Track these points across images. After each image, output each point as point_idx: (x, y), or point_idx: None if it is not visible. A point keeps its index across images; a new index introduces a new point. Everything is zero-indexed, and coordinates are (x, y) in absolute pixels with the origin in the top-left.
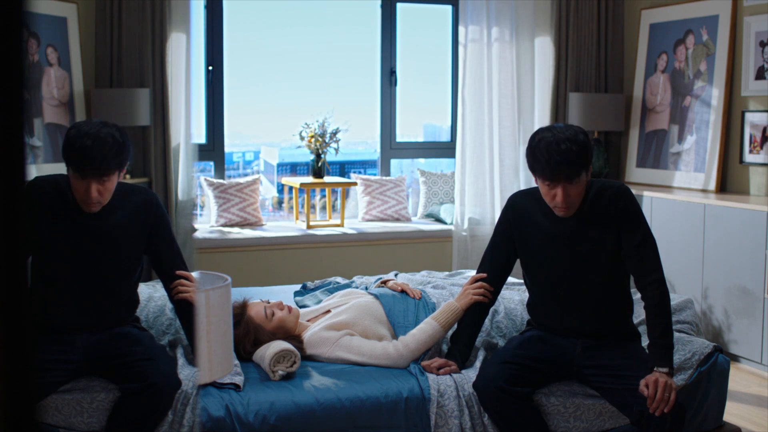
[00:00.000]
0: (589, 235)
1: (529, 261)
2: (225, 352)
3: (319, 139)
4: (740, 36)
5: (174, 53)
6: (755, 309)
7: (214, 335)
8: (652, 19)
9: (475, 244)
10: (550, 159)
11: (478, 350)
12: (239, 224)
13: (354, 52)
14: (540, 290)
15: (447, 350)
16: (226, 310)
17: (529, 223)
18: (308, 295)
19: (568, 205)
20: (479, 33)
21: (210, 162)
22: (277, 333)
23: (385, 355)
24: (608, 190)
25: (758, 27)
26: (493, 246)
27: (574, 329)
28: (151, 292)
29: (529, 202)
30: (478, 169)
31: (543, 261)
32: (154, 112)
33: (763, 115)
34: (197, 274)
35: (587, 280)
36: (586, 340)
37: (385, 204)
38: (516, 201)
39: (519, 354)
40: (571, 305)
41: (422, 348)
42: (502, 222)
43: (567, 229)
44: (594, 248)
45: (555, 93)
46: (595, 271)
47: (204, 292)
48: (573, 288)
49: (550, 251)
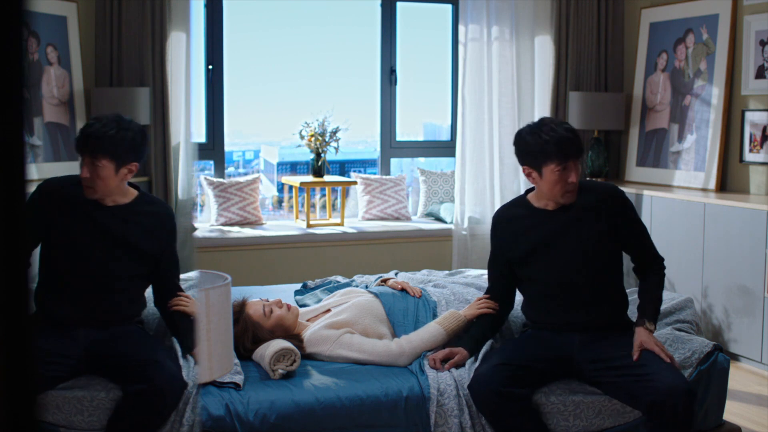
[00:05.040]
0: (584, 228)
1: (523, 266)
2: (225, 351)
3: (319, 138)
4: (740, 35)
5: (174, 52)
6: (755, 308)
7: (215, 334)
8: (652, 17)
9: (475, 243)
10: (561, 137)
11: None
12: (239, 223)
13: (354, 51)
14: (537, 290)
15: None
16: (226, 309)
17: (519, 229)
18: (308, 294)
19: (576, 186)
20: (479, 32)
21: (210, 161)
22: (276, 331)
23: (386, 351)
24: (598, 188)
25: (758, 26)
26: (491, 265)
27: (571, 324)
28: None
29: (515, 210)
30: (478, 168)
31: (539, 261)
32: (154, 111)
33: (763, 114)
34: (197, 273)
35: (583, 272)
36: (583, 334)
37: (385, 203)
38: (501, 215)
39: (515, 355)
40: (568, 300)
41: (423, 347)
42: (492, 240)
43: (560, 225)
44: (589, 240)
45: (555, 92)
46: (591, 262)
47: (204, 291)
48: (570, 282)
49: (544, 250)
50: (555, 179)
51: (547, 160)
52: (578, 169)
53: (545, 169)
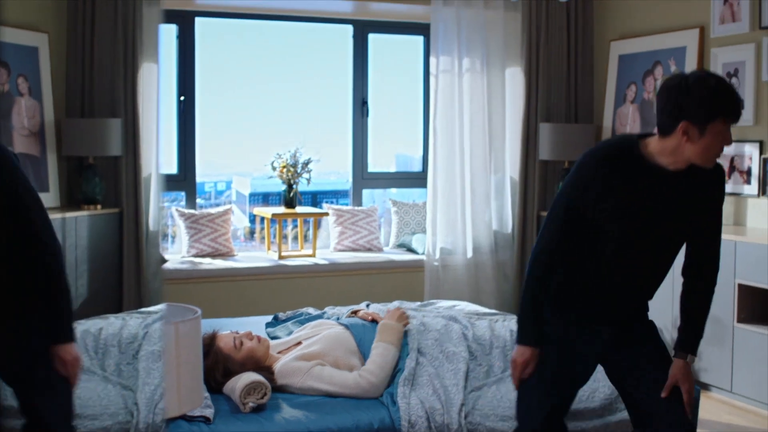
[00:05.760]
0: (690, 200)
1: (608, 222)
2: (195, 385)
3: (291, 170)
4: (707, 67)
5: (145, 83)
6: (725, 338)
7: (184, 368)
8: (621, 50)
9: (447, 274)
10: (733, 94)
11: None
12: (211, 255)
13: (326, 82)
14: (599, 264)
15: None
16: (196, 342)
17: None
18: (280, 326)
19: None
20: (450, 63)
21: (182, 192)
22: (247, 363)
23: (356, 385)
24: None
25: (725, 58)
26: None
27: (609, 316)
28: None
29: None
30: (450, 199)
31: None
32: (125, 142)
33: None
34: (164, 306)
35: (664, 253)
36: (611, 328)
37: (357, 234)
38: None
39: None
40: (630, 284)
41: (389, 371)
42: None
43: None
44: (687, 214)
45: (526, 123)
46: (674, 244)
47: (174, 325)
48: (646, 262)
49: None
50: (717, 141)
51: (719, 115)
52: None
53: (711, 127)
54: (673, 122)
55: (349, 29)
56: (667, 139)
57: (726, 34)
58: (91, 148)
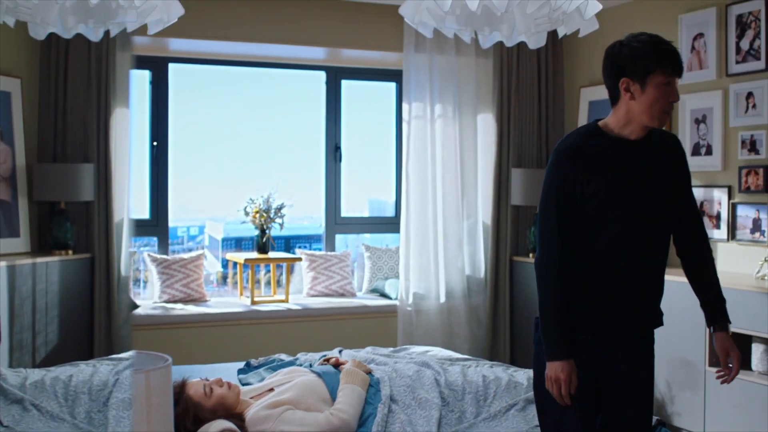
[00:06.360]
0: (663, 166)
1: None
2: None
3: (264, 215)
4: (676, 114)
5: (118, 128)
6: (697, 381)
7: (154, 417)
8: (590, 96)
9: (420, 319)
10: (667, 45)
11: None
12: (183, 300)
13: (299, 127)
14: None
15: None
16: (167, 391)
17: (599, 161)
18: (252, 372)
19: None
20: (423, 109)
21: (154, 237)
22: (218, 410)
23: (328, 422)
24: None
25: (693, 105)
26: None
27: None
28: (93, 371)
29: (590, 141)
30: (423, 244)
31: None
32: (97, 187)
33: (699, 190)
34: (134, 353)
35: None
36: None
37: (330, 279)
38: (573, 145)
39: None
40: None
41: (358, 409)
42: (557, 179)
43: (644, 157)
44: (668, 182)
45: (498, 168)
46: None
47: (144, 374)
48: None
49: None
50: (659, 94)
51: (657, 68)
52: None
53: (651, 80)
54: (616, 83)
55: (322, 75)
56: (618, 107)
57: (693, 81)
58: (63, 193)
